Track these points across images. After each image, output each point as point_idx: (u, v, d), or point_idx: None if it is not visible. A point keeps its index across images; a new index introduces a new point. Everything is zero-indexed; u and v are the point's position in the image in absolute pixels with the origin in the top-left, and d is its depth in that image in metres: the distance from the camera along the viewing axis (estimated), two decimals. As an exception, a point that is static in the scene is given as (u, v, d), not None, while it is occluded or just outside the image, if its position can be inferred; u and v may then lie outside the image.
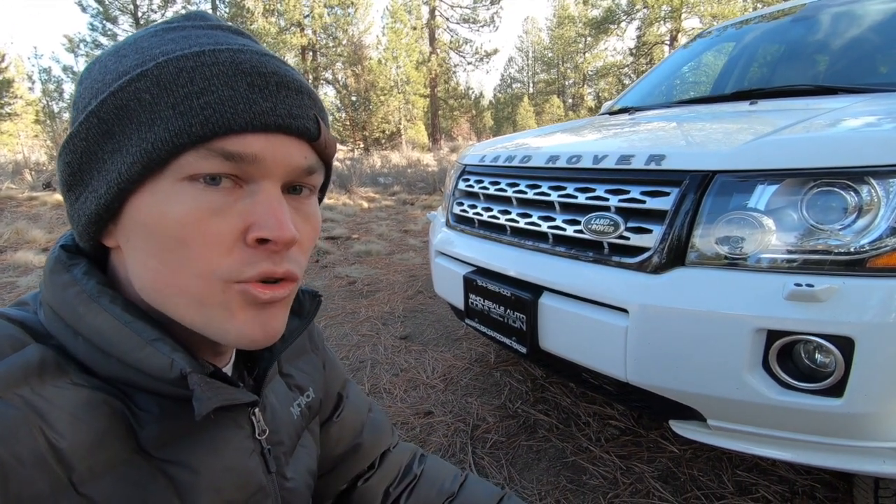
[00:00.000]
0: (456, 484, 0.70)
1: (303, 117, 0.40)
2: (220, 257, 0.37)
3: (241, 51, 0.38)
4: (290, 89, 0.39)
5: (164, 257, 0.37)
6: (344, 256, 4.35)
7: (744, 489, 1.40)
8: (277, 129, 0.38)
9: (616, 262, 1.15)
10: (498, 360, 2.26)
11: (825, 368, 0.91)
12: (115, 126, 0.36)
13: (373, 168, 12.59)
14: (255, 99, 0.37)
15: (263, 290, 0.39)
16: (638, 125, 1.75)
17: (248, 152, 0.37)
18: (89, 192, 0.38)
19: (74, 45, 21.92)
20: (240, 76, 0.37)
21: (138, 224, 0.37)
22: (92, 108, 0.37)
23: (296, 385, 0.60)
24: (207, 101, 0.35)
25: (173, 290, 0.38)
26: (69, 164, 0.39)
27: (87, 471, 0.35)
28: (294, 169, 0.40)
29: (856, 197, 0.91)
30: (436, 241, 1.86)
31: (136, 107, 0.36)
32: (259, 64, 0.38)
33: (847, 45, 1.90)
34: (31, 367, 0.35)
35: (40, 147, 13.19)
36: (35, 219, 5.72)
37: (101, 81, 0.38)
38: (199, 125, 0.35)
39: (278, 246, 0.38)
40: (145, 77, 0.36)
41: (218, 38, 0.40)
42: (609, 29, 26.16)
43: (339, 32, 23.57)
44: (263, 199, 0.38)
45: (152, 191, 0.36)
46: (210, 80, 0.36)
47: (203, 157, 0.36)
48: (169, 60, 0.36)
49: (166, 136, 0.35)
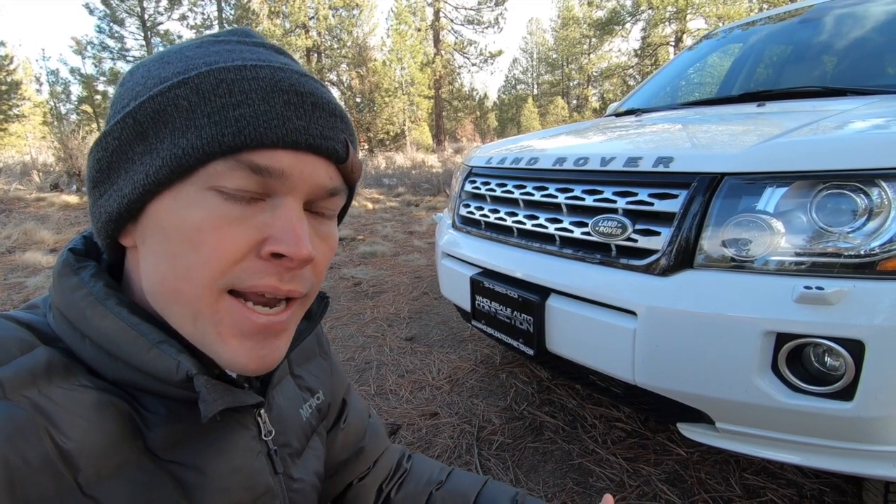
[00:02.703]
0: (444, 474, 0.72)
1: (333, 139, 0.40)
2: (228, 265, 0.37)
3: (282, 69, 0.39)
4: (324, 111, 0.40)
5: (175, 261, 0.37)
6: (349, 258, 4.36)
7: (752, 492, 1.39)
8: (307, 148, 0.38)
9: (624, 264, 1.15)
10: (504, 362, 2.26)
11: (835, 372, 0.90)
12: (150, 128, 0.37)
13: (377, 169, 12.61)
14: (289, 116, 0.37)
15: (258, 315, 0.39)
16: (644, 127, 1.75)
17: (276, 167, 0.37)
18: (114, 190, 0.39)
19: (82, 48, 22.09)
20: (277, 93, 0.37)
21: (156, 226, 0.38)
22: (130, 109, 0.37)
23: (306, 387, 0.60)
24: (243, 113, 0.36)
25: (174, 297, 0.38)
26: (99, 160, 0.39)
27: (94, 472, 0.35)
28: (318, 188, 0.40)
29: (866, 199, 0.91)
30: (442, 243, 1.86)
31: (173, 112, 0.36)
32: (297, 83, 0.39)
33: (855, 47, 1.89)
34: (39, 370, 0.35)
35: (48, 149, 13.29)
36: (43, 220, 5.77)
37: (142, 85, 0.38)
38: (231, 136, 0.36)
39: (293, 263, 0.38)
40: (186, 84, 0.37)
41: (260, 54, 0.40)
42: (614, 30, 26.13)
43: (344, 34, 23.67)
44: (284, 213, 0.38)
45: (176, 196, 0.37)
46: (248, 94, 0.37)
47: (231, 168, 0.36)
48: (211, 71, 0.37)
49: (198, 144, 0.36)
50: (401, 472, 0.73)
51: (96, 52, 22.02)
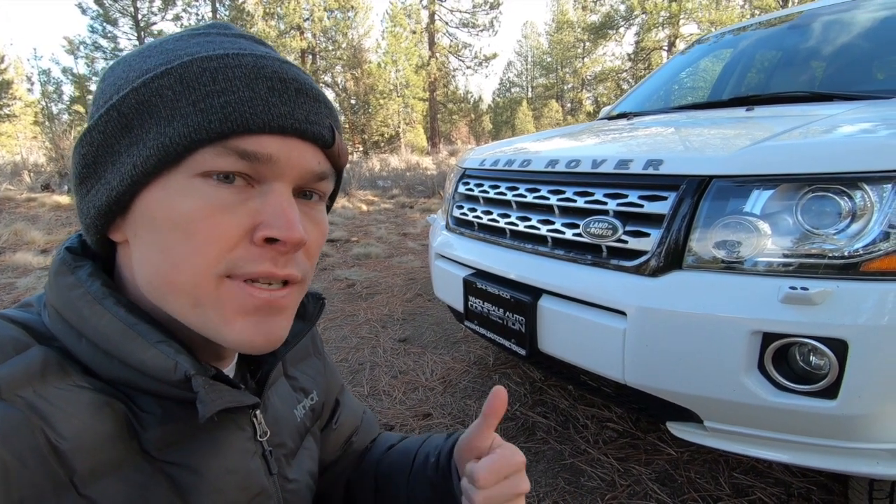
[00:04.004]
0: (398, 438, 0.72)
1: (318, 124, 0.41)
2: (223, 253, 0.37)
3: (264, 57, 0.39)
4: (308, 97, 0.40)
5: (168, 252, 0.37)
6: (343, 259, 4.36)
7: (740, 491, 1.41)
8: (293, 133, 0.39)
9: (614, 265, 1.16)
10: (496, 363, 2.27)
11: (819, 370, 0.92)
12: (135, 120, 0.37)
13: (372, 171, 12.60)
14: (274, 102, 0.38)
15: (260, 290, 0.39)
16: (636, 130, 1.77)
17: (264, 152, 0.37)
18: (102, 184, 0.39)
19: (74, 48, 21.93)
20: (261, 80, 0.38)
21: (147, 217, 0.38)
22: (113, 102, 0.37)
23: (300, 387, 0.60)
24: (228, 100, 0.36)
25: (171, 288, 0.38)
26: (84, 156, 0.39)
27: (89, 472, 0.35)
28: (307, 173, 0.41)
29: (850, 202, 0.93)
30: (436, 244, 1.87)
31: (158, 102, 0.36)
32: (280, 70, 0.39)
33: (842, 53, 1.92)
34: (34, 369, 0.35)
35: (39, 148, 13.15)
36: (34, 220, 5.72)
37: (123, 78, 0.39)
38: (217, 122, 0.36)
39: (287, 246, 0.38)
40: (169, 74, 0.37)
41: (242, 44, 0.41)
42: (607, 34, 26.30)
43: (339, 36, 23.65)
44: (274, 199, 0.38)
45: (165, 185, 0.37)
46: (232, 81, 0.37)
47: (219, 155, 0.36)
48: (194, 60, 0.37)
49: (184, 132, 0.36)
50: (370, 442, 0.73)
51: (89, 52, 21.86)
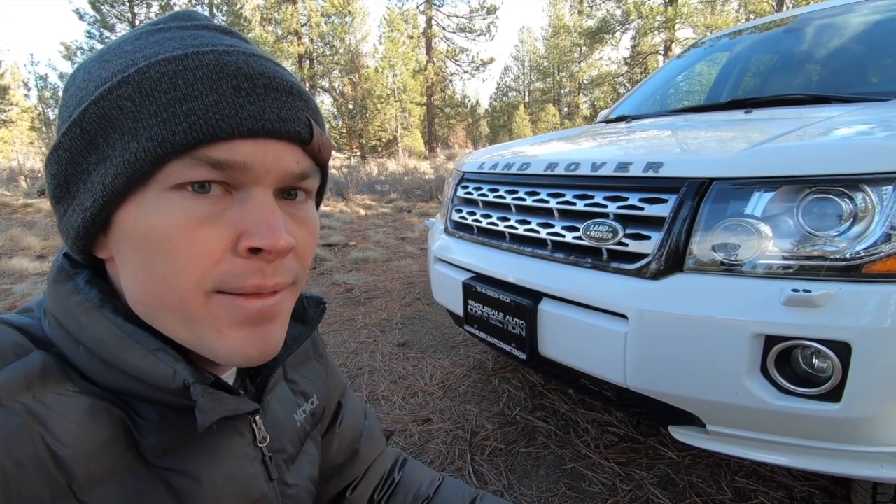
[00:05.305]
0: (432, 488, 0.71)
1: (293, 120, 0.38)
2: (208, 268, 0.35)
3: (227, 52, 0.36)
4: (279, 91, 0.37)
5: (152, 270, 0.36)
6: (341, 263, 4.35)
7: (743, 495, 1.40)
8: (266, 134, 0.36)
9: (615, 268, 1.16)
10: (496, 367, 2.26)
11: (822, 373, 0.91)
12: (99, 136, 0.35)
13: (369, 175, 12.61)
14: (241, 103, 0.35)
15: (251, 301, 0.38)
16: (635, 133, 1.77)
17: (236, 160, 0.35)
18: (76, 204, 0.37)
19: (71, 53, 21.97)
20: (225, 79, 0.35)
21: (126, 236, 0.36)
22: (75, 117, 0.35)
23: (300, 392, 0.60)
24: (191, 107, 0.34)
25: (160, 306, 0.37)
26: (55, 175, 0.37)
27: (88, 478, 0.35)
28: (286, 175, 0.38)
29: (851, 204, 0.93)
30: (434, 248, 1.87)
31: (119, 115, 0.34)
32: (246, 65, 0.36)
33: (839, 55, 1.93)
34: (34, 375, 0.35)
35: (35, 154, 13.14)
36: (30, 225, 5.70)
37: (84, 89, 0.36)
38: (182, 133, 0.33)
39: (272, 255, 0.37)
40: (127, 84, 0.34)
41: (203, 38, 0.38)
42: (604, 39, 26.42)
43: (337, 41, 23.74)
44: (254, 206, 0.36)
45: (139, 202, 0.35)
46: (193, 85, 0.34)
47: (189, 167, 0.34)
48: (150, 65, 0.35)
49: (149, 146, 0.33)
50: (390, 482, 0.72)
51: (86, 57, 21.88)
